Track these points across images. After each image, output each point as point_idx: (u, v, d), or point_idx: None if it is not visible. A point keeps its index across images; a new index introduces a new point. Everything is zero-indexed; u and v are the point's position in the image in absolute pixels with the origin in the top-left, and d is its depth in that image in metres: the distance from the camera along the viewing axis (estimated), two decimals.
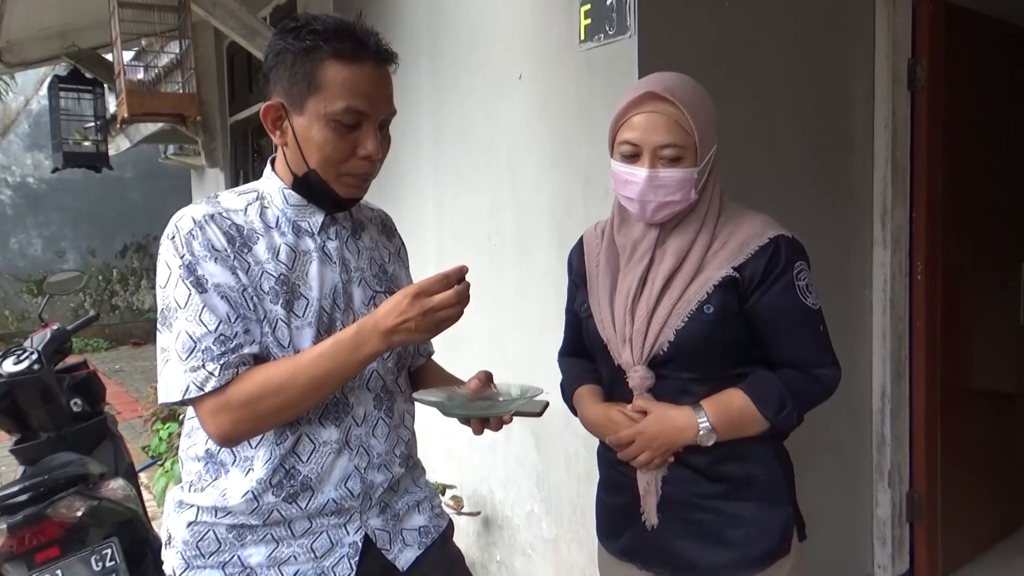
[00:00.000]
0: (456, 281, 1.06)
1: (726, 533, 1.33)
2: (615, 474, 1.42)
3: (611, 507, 1.46)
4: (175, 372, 1.08)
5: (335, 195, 1.16)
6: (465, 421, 1.20)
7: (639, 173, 1.26)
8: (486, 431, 1.20)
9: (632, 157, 1.28)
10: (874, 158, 2.64)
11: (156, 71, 4.91)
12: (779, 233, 1.31)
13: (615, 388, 1.41)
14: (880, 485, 2.69)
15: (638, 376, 1.34)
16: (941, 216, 2.70)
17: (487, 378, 1.21)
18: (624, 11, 2.03)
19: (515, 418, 1.21)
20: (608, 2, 2.07)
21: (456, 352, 2.16)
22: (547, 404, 1.22)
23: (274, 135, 1.16)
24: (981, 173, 2.93)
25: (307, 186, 1.16)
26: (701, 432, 1.28)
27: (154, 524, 2.49)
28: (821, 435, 2.52)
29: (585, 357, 1.52)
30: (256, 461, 1.14)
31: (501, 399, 1.19)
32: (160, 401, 1.10)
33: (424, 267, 1.54)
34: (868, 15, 2.60)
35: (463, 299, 1.07)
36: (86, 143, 5.89)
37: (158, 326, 1.12)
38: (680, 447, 1.31)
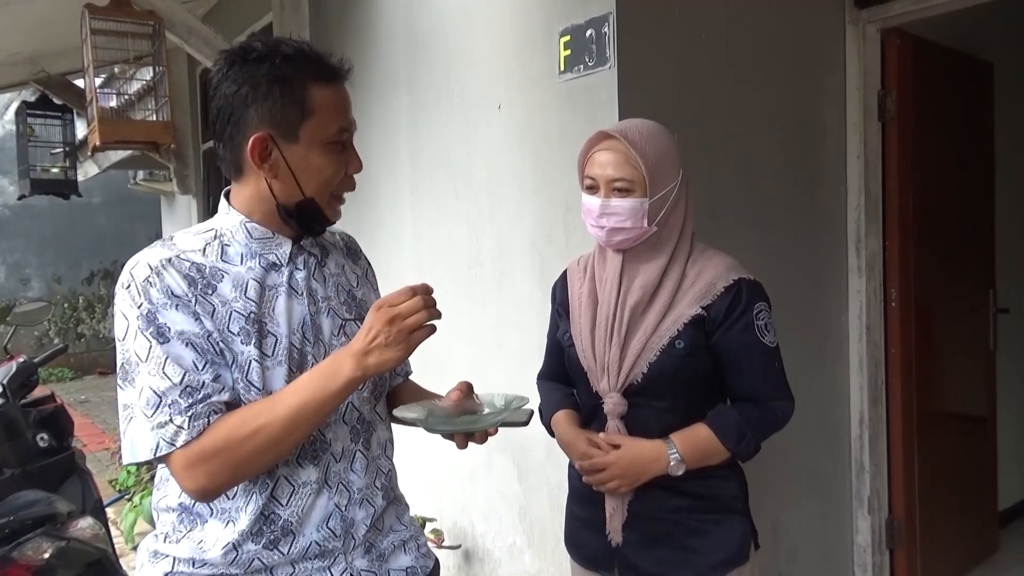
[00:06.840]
0: (422, 293, 1.04)
1: (689, 542, 1.43)
2: (585, 487, 1.51)
3: (580, 518, 1.56)
4: (141, 430, 1.02)
5: (326, 219, 1.16)
6: (448, 436, 1.16)
7: (595, 202, 1.44)
8: (470, 444, 1.16)
9: (592, 189, 1.46)
10: (847, 188, 2.68)
11: (127, 97, 4.85)
12: (741, 276, 1.44)
13: (593, 414, 1.52)
14: (860, 512, 2.70)
15: (612, 402, 1.45)
16: (913, 244, 2.75)
17: (468, 389, 1.18)
18: (603, 43, 2.05)
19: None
20: (587, 33, 2.09)
21: (436, 380, 2.12)
22: (532, 412, 1.19)
23: (261, 169, 1.10)
24: (950, 202, 3.00)
25: (299, 215, 1.13)
26: (672, 463, 1.40)
27: (122, 561, 2.41)
28: (800, 462, 2.53)
29: (563, 381, 1.63)
30: (236, 512, 1.10)
31: (486, 411, 1.15)
32: (126, 462, 1.04)
33: None
34: (839, 49, 2.65)
35: (429, 305, 1.03)
36: (54, 170, 5.81)
37: (119, 381, 1.06)
38: (650, 477, 1.42)
